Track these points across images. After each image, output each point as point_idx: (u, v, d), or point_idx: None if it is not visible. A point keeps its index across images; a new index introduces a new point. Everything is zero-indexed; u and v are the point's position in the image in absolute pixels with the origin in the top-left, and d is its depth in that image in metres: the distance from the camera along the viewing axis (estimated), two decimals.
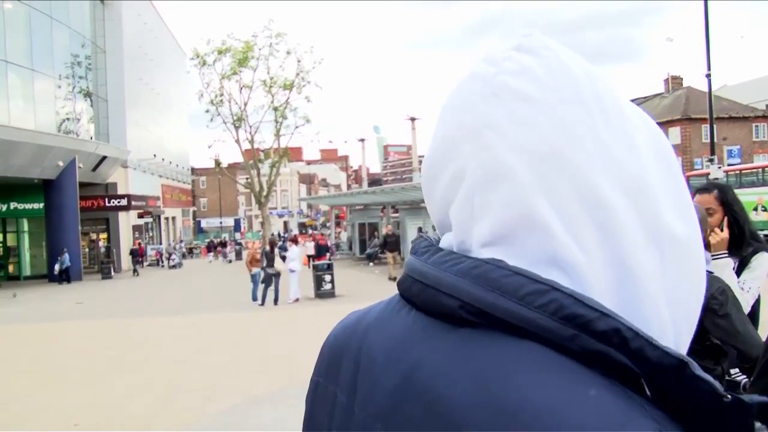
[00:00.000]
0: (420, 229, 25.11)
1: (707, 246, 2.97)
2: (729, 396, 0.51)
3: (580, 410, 0.48)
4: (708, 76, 22.28)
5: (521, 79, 0.59)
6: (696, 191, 3.17)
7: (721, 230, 2.98)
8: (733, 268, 2.98)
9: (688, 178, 30.14)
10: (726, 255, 2.95)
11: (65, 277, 28.17)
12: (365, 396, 0.63)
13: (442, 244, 0.66)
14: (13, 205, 30.74)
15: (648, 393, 0.53)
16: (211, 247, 51.46)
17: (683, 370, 0.51)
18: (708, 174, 24.53)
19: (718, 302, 2.38)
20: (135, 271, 33.05)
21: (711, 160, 23.70)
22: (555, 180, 0.57)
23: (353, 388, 0.65)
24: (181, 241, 47.85)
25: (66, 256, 28.43)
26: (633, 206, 0.57)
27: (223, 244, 50.99)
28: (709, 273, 2.54)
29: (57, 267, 28.23)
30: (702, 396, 0.52)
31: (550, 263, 0.56)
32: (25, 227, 33.02)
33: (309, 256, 29.08)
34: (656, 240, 0.57)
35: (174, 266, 38.04)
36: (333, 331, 0.75)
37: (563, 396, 0.49)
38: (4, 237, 32.44)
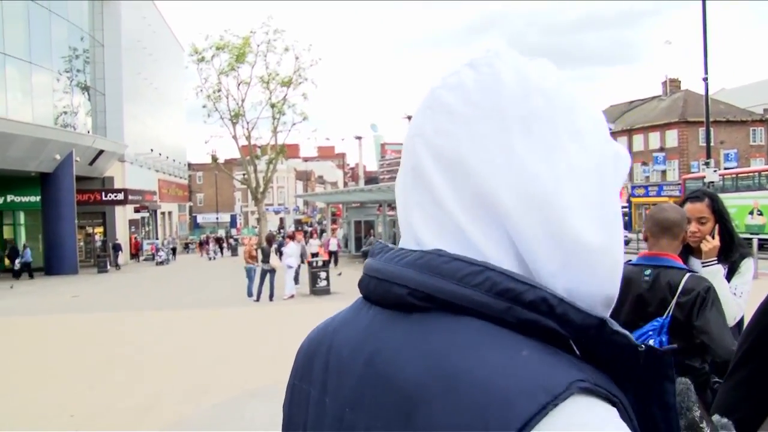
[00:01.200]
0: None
1: (699, 253, 3.04)
2: (643, 346, 0.59)
3: (511, 369, 0.54)
4: (705, 79, 22.32)
5: (452, 94, 0.67)
6: (686, 199, 3.23)
7: (713, 238, 3.04)
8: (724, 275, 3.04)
9: (684, 181, 30.12)
10: (716, 262, 3.01)
11: (28, 272, 28.05)
12: (335, 388, 0.68)
13: (401, 245, 0.72)
14: (9, 197, 30.67)
15: (577, 352, 0.60)
16: (203, 243, 50.47)
17: (603, 328, 0.59)
18: (704, 177, 24.59)
19: (700, 299, 2.48)
20: (117, 265, 32.68)
21: (707, 164, 23.74)
22: (462, 185, 0.64)
23: (324, 383, 0.71)
24: (171, 238, 45.93)
25: (27, 251, 28.59)
26: (535, 213, 0.62)
27: (212, 240, 49.87)
28: (694, 273, 2.61)
29: (18, 262, 28.01)
30: (621, 349, 0.59)
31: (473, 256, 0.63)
32: (22, 220, 32.98)
33: (331, 253, 27.93)
34: (559, 246, 0.62)
35: (161, 263, 36.95)
36: (306, 338, 0.81)
37: (496, 359, 0.56)
38: (1, 230, 32.39)
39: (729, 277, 3.06)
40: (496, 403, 0.52)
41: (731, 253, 3.11)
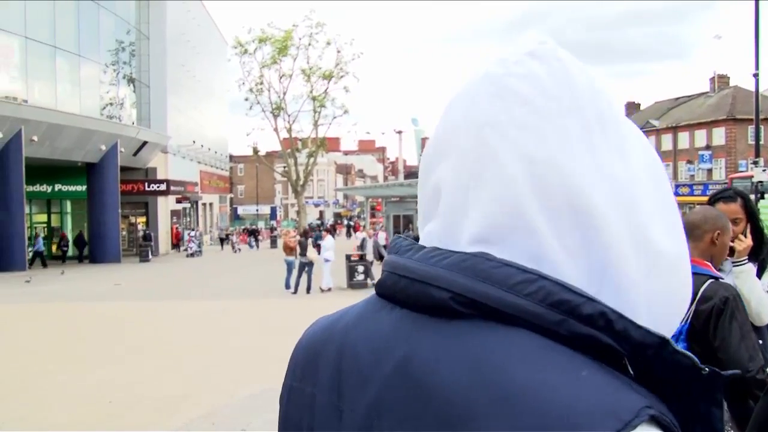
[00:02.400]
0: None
1: (731, 252, 2.97)
2: (706, 369, 0.56)
3: (573, 390, 0.51)
4: (756, 75, 21.65)
5: (526, 84, 0.61)
6: (718, 199, 3.20)
7: (745, 237, 3.03)
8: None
9: (731, 180, 29.34)
10: (746, 261, 3.00)
11: (42, 261, 28.34)
12: (354, 395, 0.63)
13: (423, 243, 0.66)
14: (57, 186, 31.54)
15: (631, 372, 0.56)
16: (248, 234, 49.39)
17: (665, 347, 0.55)
18: (752, 176, 23.90)
19: (717, 310, 2.39)
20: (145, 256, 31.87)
21: (756, 162, 23.06)
22: (547, 184, 0.59)
23: (336, 387, 0.65)
24: (197, 232, 41.73)
25: (39, 239, 29.02)
26: (622, 218, 0.59)
27: (236, 233, 48.29)
28: (716, 279, 2.49)
29: (30, 251, 27.50)
30: (682, 370, 0.56)
31: (533, 261, 0.58)
32: (68, 209, 33.87)
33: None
34: (644, 253, 0.59)
35: (192, 254, 35.92)
36: (304, 335, 0.76)
37: (556, 378, 0.52)
38: (49, 218, 33.34)
39: (759, 275, 3.07)
40: (559, 425, 0.49)
41: (761, 251, 3.13)
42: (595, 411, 0.49)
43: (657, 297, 0.60)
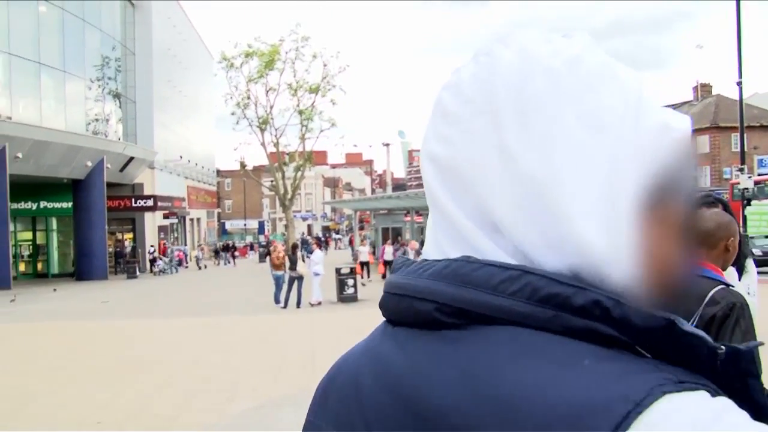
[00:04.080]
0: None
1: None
2: (723, 347, 0.51)
3: (575, 383, 0.47)
4: (739, 83, 21.90)
5: (448, 94, 0.62)
6: (701, 205, 3.25)
7: None
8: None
9: (732, 186, 29.46)
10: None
11: None
12: (354, 423, 0.61)
13: (424, 257, 0.66)
14: (43, 203, 31.33)
15: (647, 355, 0.52)
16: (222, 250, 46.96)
17: (672, 329, 0.51)
18: (764, 182, 24.42)
19: (721, 316, 2.38)
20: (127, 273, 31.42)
21: (741, 170, 23.29)
22: (458, 194, 0.59)
23: (338, 419, 0.64)
24: (173, 248, 39.15)
25: None
26: (531, 220, 0.55)
27: (227, 248, 46.63)
28: (725, 286, 2.49)
29: None
30: (695, 351, 0.51)
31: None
32: (54, 226, 33.58)
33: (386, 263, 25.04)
34: (558, 243, 0.54)
35: (161, 271, 33.74)
36: (327, 372, 0.73)
37: (554, 374, 0.48)
38: (34, 235, 33.02)
39: (740, 277, 3.16)
40: (564, 422, 0.45)
41: (740, 256, 3.16)
42: (601, 400, 0.46)
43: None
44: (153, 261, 34.25)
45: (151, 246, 34.93)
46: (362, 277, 23.73)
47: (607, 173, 0.54)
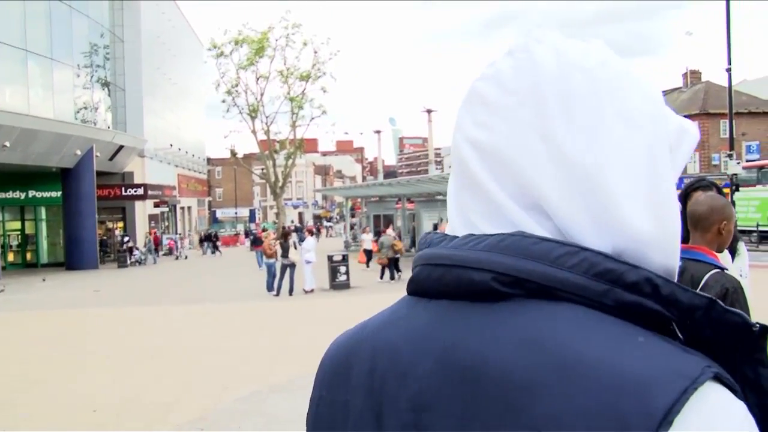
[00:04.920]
0: (435, 226, 25.23)
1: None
2: (757, 325, 0.56)
3: (636, 356, 0.51)
4: (728, 70, 21.99)
5: (488, 85, 0.65)
6: (696, 188, 3.30)
7: None
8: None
9: (745, 169, 29.65)
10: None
11: None
12: (394, 394, 0.61)
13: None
14: (31, 193, 31.09)
15: (680, 336, 0.57)
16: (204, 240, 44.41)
17: (713, 308, 0.56)
18: (764, 167, 24.60)
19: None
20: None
21: (730, 156, 23.43)
22: (504, 178, 0.62)
23: (373, 391, 0.63)
24: (149, 237, 36.10)
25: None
26: (578, 202, 0.59)
27: (209, 237, 43.79)
28: (720, 270, 2.53)
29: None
30: (731, 329, 0.56)
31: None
32: (43, 215, 33.36)
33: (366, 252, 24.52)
34: (608, 235, 0.59)
35: (137, 262, 32.30)
36: (331, 346, 0.73)
37: (616, 346, 0.52)
38: (23, 225, 32.81)
39: (733, 260, 3.27)
40: (628, 390, 0.49)
41: (733, 240, 3.27)
42: (661, 373, 0.49)
43: None
44: (130, 251, 32.42)
45: (126, 236, 33.54)
46: (368, 267, 23.59)
47: (648, 165, 0.59)
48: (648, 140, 0.60)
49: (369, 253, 24.27)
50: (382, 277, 20.12)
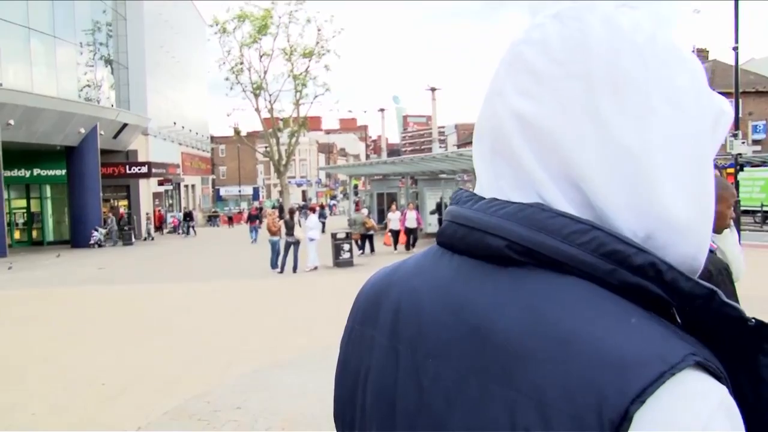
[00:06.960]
0: (438, 205, 25.21)
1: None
2: (753, 320, 0.56)
3: (624, 336, 0.53)
4: (735, 48, 21.82)
5: (534, 51, 0.63)
6: None
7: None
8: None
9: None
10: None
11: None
12: (411, 337, 0.65)
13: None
14: (36, 171, 31.16)
15: (679, 321, 0.59)
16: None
17: (713, 299, 0.56)
18: None
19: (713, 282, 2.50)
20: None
21: (735, 135, 23.35)
22: (543, 150, 0.62)
23: (395, 330, 0.68)
24: (112, 216, 31.77)
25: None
26: (619, 183, 0.59)
27: (187, 216, 38.68)
28: (710, 252, 2.59)
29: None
30: (729, 321, 0.57)
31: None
32: (48, 193, 33.45)
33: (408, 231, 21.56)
34: (644, 219, 0.60)
35: (96, 244, 28.75)
36: (367, 282, 0.79)
37: (607, 324, 0.54)
38: (28, 203, 32.95)
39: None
40: (610, 368, 0.51)
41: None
42: (643, 355, 0.51)
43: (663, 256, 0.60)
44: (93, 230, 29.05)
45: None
46: (395, 250, 21.31)
47: (693, 152, 0.60)
48: (694, 126, 0.61)
49: (396, 235, 21.66)
50: (362, 251, 21.09)
